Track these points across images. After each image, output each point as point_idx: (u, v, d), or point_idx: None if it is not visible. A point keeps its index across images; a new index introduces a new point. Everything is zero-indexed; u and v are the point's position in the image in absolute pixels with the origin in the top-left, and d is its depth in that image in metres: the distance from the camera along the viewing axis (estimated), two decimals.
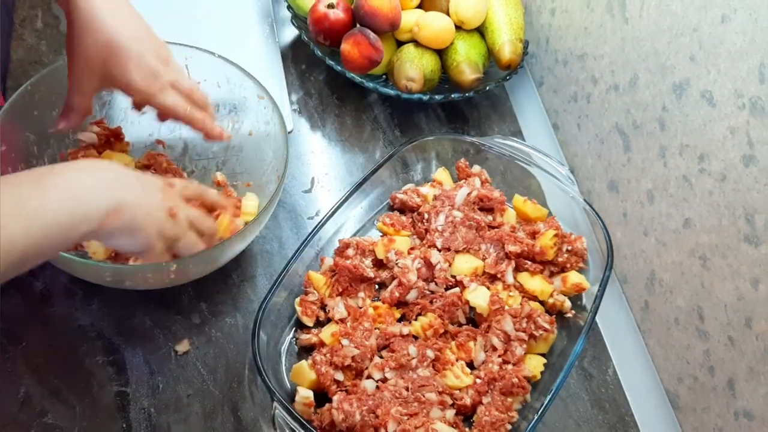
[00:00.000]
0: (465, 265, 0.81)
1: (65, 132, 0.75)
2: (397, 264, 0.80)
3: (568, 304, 0.80)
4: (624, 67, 0.84)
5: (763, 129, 0.64)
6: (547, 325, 0.76)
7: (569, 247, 0.83)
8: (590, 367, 0.82)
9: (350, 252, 0.81)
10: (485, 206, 0.87)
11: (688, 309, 0.76)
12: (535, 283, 0.80)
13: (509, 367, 0.74)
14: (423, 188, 0.88)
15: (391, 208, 0.89)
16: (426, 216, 0.85)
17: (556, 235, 0.82)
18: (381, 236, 0.84)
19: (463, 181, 0.90)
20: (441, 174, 0.91)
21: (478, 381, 0.73)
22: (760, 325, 0.67)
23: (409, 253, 0.82)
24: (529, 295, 0.80)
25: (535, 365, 0.76)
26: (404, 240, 0.83)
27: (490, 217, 0.87)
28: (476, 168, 0.92)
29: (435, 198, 0.87)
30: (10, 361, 0.73)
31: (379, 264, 0.82)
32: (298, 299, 0.78)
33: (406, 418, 0.69)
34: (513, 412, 0.72)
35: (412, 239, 0.85)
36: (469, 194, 0.87)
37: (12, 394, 0.71)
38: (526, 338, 0.75)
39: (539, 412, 0.69)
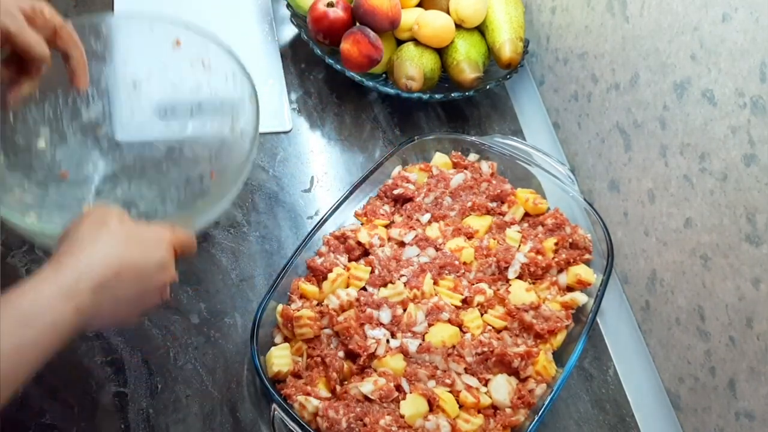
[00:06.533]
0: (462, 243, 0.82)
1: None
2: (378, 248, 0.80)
3: (577, 298, 0.79)
4: (625, 66, 0.83)
5: (764, 128, 0.64)
6: (562, 319, 0.76)
7: (570, 241, 0.83)
8: (591, 367, 0.82)
9: (323, 249, 0.81)
10: (494, 198, 0.87)
11: (689, 309, 0.76)
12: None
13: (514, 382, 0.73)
14: (411, 174, 0.88)
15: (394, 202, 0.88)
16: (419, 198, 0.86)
17: (556, 243, 0.82)
18: (361, 224, 0.84)
19: (466, 169, 0.90)
20: (438, 158, 0.91)
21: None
22: (761, 325, 0.66)
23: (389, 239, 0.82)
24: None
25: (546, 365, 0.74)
26: (382, 228, 0.83)
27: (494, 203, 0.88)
28: (473, 156, 0.91)
29: (430, 177, 0.88)
30: None
31: (358, 258, 0.82)
32: (280, 307, 0.75)
33: (395, 428, 0.67)
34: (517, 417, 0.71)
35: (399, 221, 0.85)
36: (464, 180, 0.87)
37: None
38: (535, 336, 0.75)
39: (540, 413, 0.69)
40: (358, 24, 0.97)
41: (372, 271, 0.78)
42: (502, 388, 0.72)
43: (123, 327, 0.59)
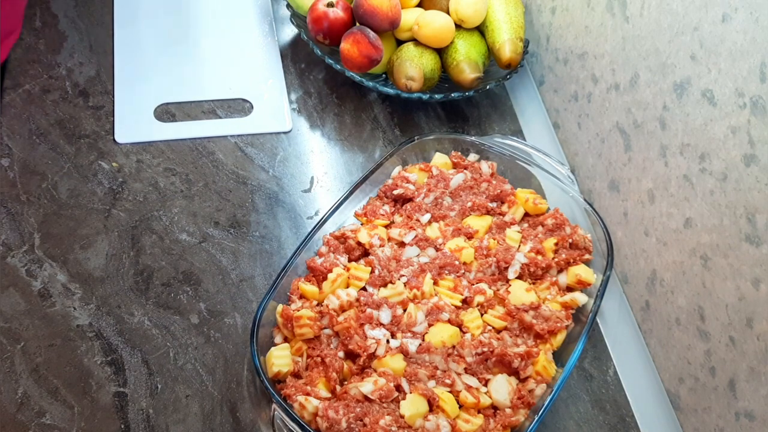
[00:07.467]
0: (462, 242, 0.82)
1: None
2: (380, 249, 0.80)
3: (577, 298, 0.79)
4: (624, 66, 0.83)
5: (764, 128, 0.64)
6: (562, 319, 0.76)
7: (570, 241, 0.83)
8: (591, 367, 0.82)
9: (323, 249, 0.81)
10: (494, 198, 0.87)
11: (689, 309, 0.76)
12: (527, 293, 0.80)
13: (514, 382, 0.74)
14: (411, 174, 0.88)
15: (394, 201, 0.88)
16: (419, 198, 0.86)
17: (556, 244, 0.82)
18: (361, 224, 0.84)
19: (465, 169, 0.90)
20: (438, 158, 0.91)
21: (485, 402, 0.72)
22: (761, 325, 0.66)
23: (389, 239, 0.82)
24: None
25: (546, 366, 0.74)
26: (382, 229, 0.83)
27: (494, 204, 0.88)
28: (473, 156, 0.92)
29: (430, 177, 0.88)
30: (9, 360, 0.73)
31: (359, 258, 0.82)
32: (280, 307, 0.75)
33: (395, 428, 0.67)
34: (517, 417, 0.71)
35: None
36: (464, 180, 0.87)
37: (10, 394, 0.71)
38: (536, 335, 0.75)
39: (540, 413, 0.69)
40: (358, 24, 0.97)
41: (372, 271, 0.78)
42: (502, 388, 0.72)
43: None
